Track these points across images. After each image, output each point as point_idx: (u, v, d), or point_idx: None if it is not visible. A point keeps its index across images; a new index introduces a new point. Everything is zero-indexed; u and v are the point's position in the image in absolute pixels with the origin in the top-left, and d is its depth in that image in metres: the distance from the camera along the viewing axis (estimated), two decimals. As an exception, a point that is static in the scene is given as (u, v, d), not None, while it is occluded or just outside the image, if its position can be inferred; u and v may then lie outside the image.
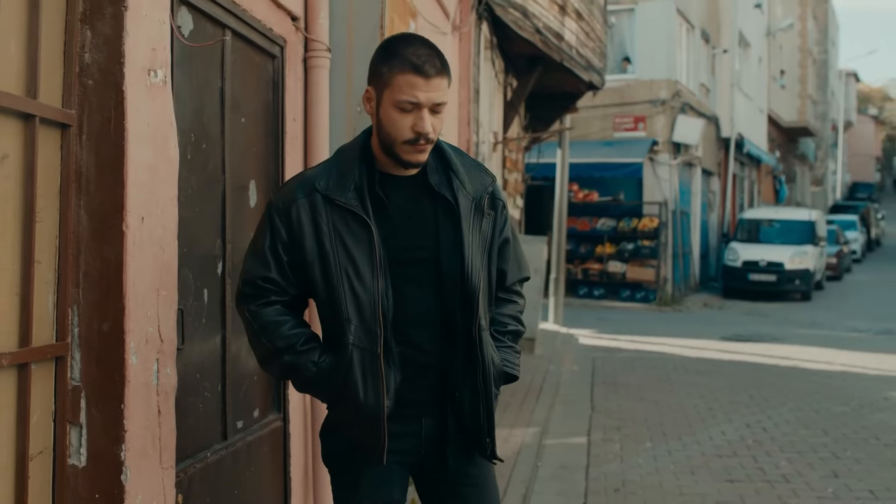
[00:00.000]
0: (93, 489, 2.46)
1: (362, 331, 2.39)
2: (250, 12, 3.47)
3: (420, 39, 2.41)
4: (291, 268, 2.45)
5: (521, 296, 2.76)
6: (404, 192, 2.49)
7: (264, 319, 2.44)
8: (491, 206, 2.59)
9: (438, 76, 2.36)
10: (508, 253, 2.67)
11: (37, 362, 2.34)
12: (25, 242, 2.29)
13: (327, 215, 2.42)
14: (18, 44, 2.27)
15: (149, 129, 2.53)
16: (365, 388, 2.38)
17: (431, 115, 2.37)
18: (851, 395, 9.82)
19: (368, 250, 2.39)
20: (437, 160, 2.53)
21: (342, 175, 2.44)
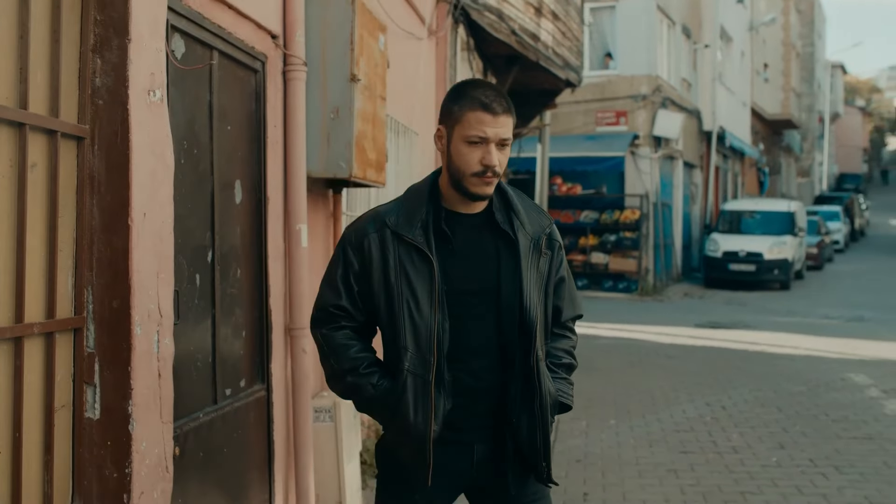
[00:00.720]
0: (105, 437, 2.99)
1: (417, 358, 2.55)
2: (235, 34, 4.00)
3: (487, 83, 2.65)
4: (361, 297, 2.66)
5: (574, 332, 2.92)
6: (468, 229, 2.66)
7: (334, 343, 2.67)
8: (548, 247, 2.74)
9: (504, 114, 2.56)
10: (563, 291, 2.83)
11: (59, 332, 2.87)
12: (50, 234, 2.82)
13: (394, 249, 2.60)
14: (43, 73, 2.79)
15: (149, 140, 3.05)
16: (415, 412, 2.55)
17: (498, 150, 2.57)
18: (810, 376, 10.39)
19: (429, 283, 2.56)
20: (500, 200, 2.71)
21: (410, 212, 2.63)
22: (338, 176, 4.70)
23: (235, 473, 4.08)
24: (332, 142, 4.58)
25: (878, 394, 9.40)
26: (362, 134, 4.71)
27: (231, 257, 4.07)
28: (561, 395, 2.76)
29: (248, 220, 4.25)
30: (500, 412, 2.65)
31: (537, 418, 2.62)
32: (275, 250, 4.45)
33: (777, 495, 5.95)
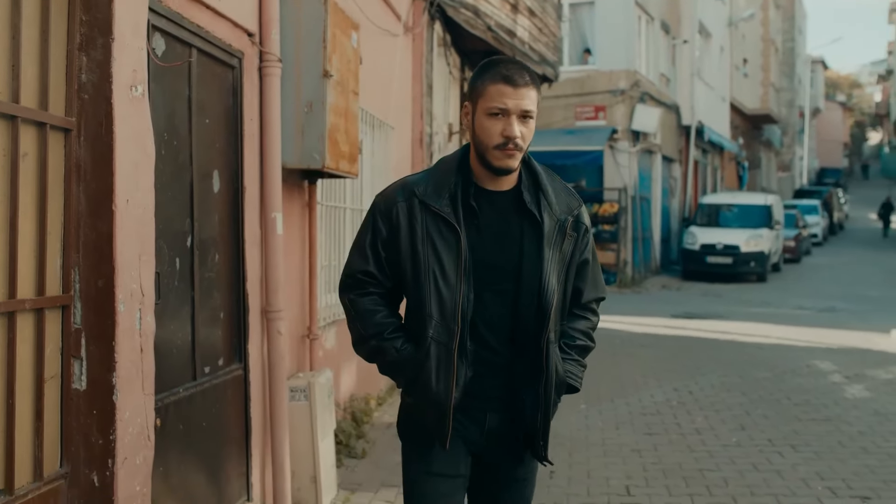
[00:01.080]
0: (91, 407, 3.24)
1: (442, 327, 2.62)
2: (213, 33, 4.24)
3: (511, 59, 2.68)
4: (388, 263, 2.72)
5: (596, 314, 2.94)
6: (496, 206, 2.70)
7: (360, 308, 2.75)
8: (574, 229, 2.77)
9: (526, 87, 2.59)
10: (587, 273, 2.86)
11: (48, 308, 3.11)
12: (40, 218, 3.06)
13: (422, 219, 2.65)
14: (34, 70, 3.03)
15: (132, 132, 3.30)
16: (437, 379, 2.63)
17: (520, 122, 2.60)
18: (777, 363, 10.71)
19: (456, 254, 2.62)
20: (530, 179, 2.75)
21: (439, 184, 2.68)
22: (311, 167, 4.95)
23: (214, 446, 4.33)
24: (306, 134, 4.84)
25: (840, 379, 9.73)
26: (335, 127, 4.97)
27: (209, 243, 4.31)
28: (569, 376, 2.80)
29: (225, 209, 4.50)
30: (513, 387, 2.72)
31: (540, 398, 2.69)
32: (251, 237, 4.70)
33: (734, 472, 6.24)
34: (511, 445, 2.79)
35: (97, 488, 3.23)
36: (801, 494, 5.74)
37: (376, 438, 6.75)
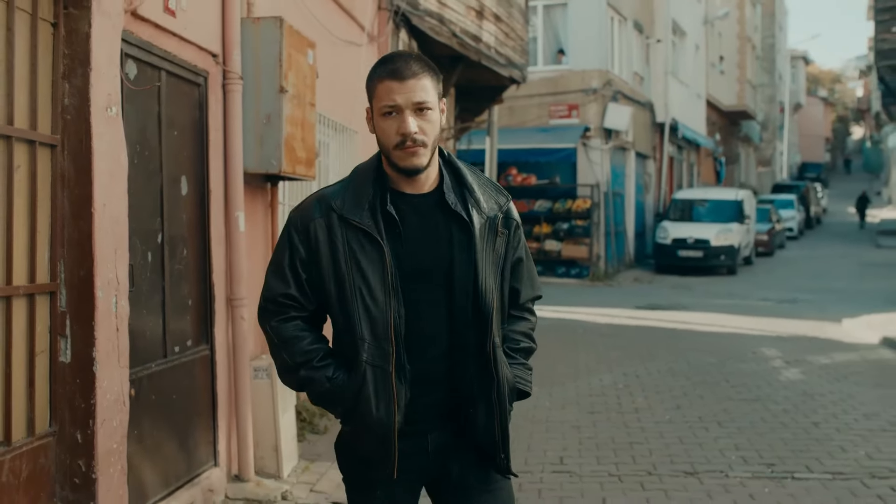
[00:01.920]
0: (75, 377, 3.88)
1: (375, 349, 2.48)
2: (179, 56, 4.87)
3: (399, 53, 2.56)
4: (309, 285, 2.57)
5: (534, 314, 2.82)
6: (419, 210, 2.56)
7: (284, 335, 2.57)
8: (505, 226, 2.64)
9: (414, 78, 2.46)
10: (521, 271, 2.74)
11: (39, 294, 3.75)
12: (31, 219, 3.70)
13: (343, 235, 2.51)
14: (24, 96, 3.67)
15: (107, 147, 3.93)
16: (377, 405, 2.48)
17: (416, 117, 2.47)
18: (726, 350, 11.39)
19: (381, 270, 2.48)
20: (453, 178, 2.62)
21: (357, 194, 2.53)
22: (269, 171, 5.59)
23: (184, 416, 4.97)
24: (265, 143, 5.48)
25: (780, 364, 10.42)
26: (291, 136, 5.61)
27: (178, 239, 4.95)
28: (519, 381, 2.69)
29: (193, 209, 5.13)
30: (455, 400, 2.59)
31: (494, 407, 2.57)
32: (217, 234, 5.34)
33: (660, 445, 6.91)
34: (467, 459, 2.65)
35: (80, 444, 3.87)
36: (715, 462, 6.41)
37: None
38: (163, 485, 4.70)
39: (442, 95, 2.59)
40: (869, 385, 9.26)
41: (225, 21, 5.28)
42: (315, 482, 5.84)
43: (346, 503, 2.71)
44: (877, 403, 8.31)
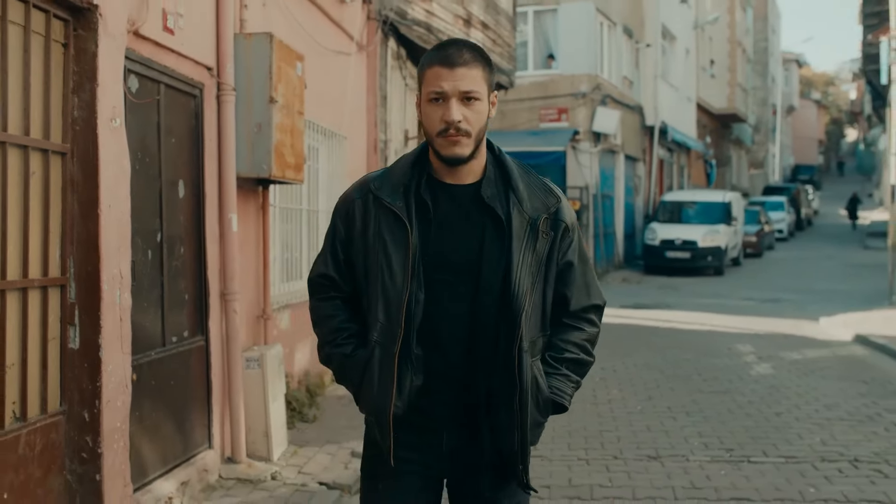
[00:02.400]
0: (83, 361, 4.30)
1: (386, 329, 2.47)
2: (177, 70, 5.31)
3: (454, 41, 2.53)
4: (347, 265, 2.61)
5: (593, 323, 2.69)
6: (455, 201, 2.53)
7: (320, 313, 2.66)
8: (552, 227, 2.55)
9: (464, 66, 2.44)
10: (573, 277, 2.61)
11: (51, 286, 4.18)
12: (44, 219, 4.13)
13: (376, 215, 2.52)
14: (38, 110, 4.10)
15: (112, 155, 4.36)
16: (379, 385, 2.48)
17: (462, 105, 2.44)
18: (702, 347, 11.84)
19: (404, 251, 2.46)
20: (498, 174, 2.57)
21: (395, 178, 2.54)
22: (261, 175, 6.02)
23: (181, 401, 5.41)
24: (256, 149, 5.91)
25: (752, 360, 10.87)
26: (281, 143, 6.04)
27: (176, 238, 5.38)
28: (555, 392, 2.58)
29: (189, 210, 5.57)
30: (476, 403, 2.53)
31: (516, 416, 2.47)
32: (211, 233, 5.77)
33: (628, 432, 7.35)
34: (490, 472, 2.58)
35: (87, 422, 4.31)
36: (679, 448, 6.85)
37: (327, 408, 7.82)
38: (161, 463, 5.13)
39: (494, 88, 2.54)
40: (834, 378, 9.71)
41: (219, 37, 5.72)
42: (303, 465, 6.27)
43: (331, 483, 2.98)
44: (839, 395, 8.76)
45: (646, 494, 5.77)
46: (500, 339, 2.48)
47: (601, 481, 6.05)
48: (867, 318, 14.38)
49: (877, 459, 6.49)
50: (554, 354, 2.60)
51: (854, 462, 6.43)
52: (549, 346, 2.60)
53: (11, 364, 3.93)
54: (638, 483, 6.01)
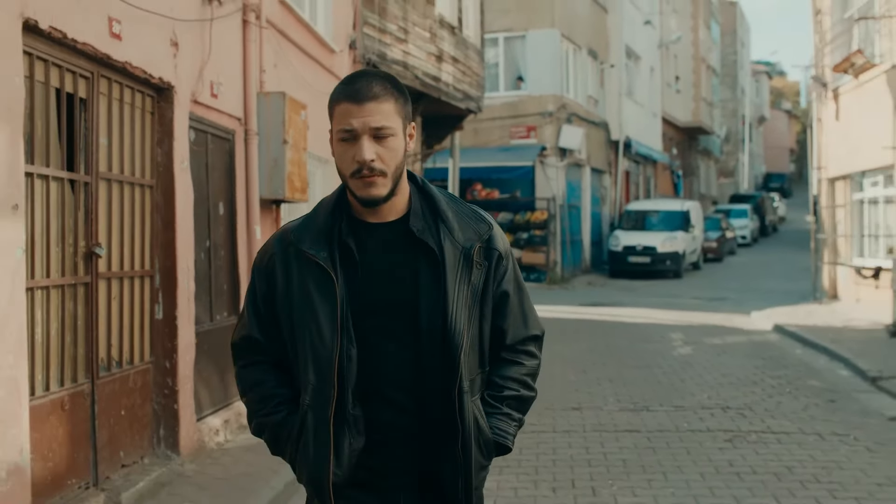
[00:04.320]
0: (164, 327, 6.33)
1: (318, 391, 2.32)
2: (219, 123, 7.35)
3: (363, 73, 2.37)
4: (273, 324, 2.44)
5: (532, 355, 2.55)
6: (382, 241, 2.38)
7: (247, 381, 2.48)
8: (485, 257, 2.43)
9: (374, 101, 2.28)
10: (508, 308, 2.48)
11: (145, 276, 6.22)
12: (141, 232, 6.17)
13: (298, 267, 2.36)
14: (140, 159, 6.13)
15: (182, 187, 6.40)
16: (315, 454, 2.33)
17: (375, 143, 2.28)
18: (640, 335, 13.91)
19: (331, 304, 2.31)
20: (425, 205, 2.43)
21: (314, 225, 2.39)
22: (277, 197, 8.06)
23: (223, 364, 7.43)
24: (273, 179, 7.95)
25: (679, 344, 12.96)
26: (291, 173, 8.08)
27: (219, 244, 7.42)
28: (497, 434, 2.46)
29: (226, 224, 7.60)
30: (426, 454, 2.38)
31: (459, 463, 2.36)
32: (241, 240, 7.79)
33: (561, 393, 9.40)
34: None
35: (168, 369, 6.34)
36: (597, 402, 8.92)
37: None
38: (211, 405, 7.16)
39: (410, 119, 2.40)
40: (740, 356, 11.81)
41: (246, 96, 7.76)
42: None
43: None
44: (737, 368, 10.85)
45: (563, 429, 7.83)
46: (439, 384, 2.35)
47: (530, 421, 8.09)
48: (792, 312, 16.47)
49: (744, 408, 8.59)
50: (493, 393, 2.48)
51: (725, 408, 8.53)
52: (488, 383, 2.49)
53: (123, 327, 5.97)
54: (559, 423, 8.07)
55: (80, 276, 5.36)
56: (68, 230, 5.23)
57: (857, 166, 15.72)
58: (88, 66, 5.37)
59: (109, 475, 5.62)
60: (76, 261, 5.32)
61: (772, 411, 8.45)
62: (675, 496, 5.97)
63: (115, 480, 5.62)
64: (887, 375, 9.99)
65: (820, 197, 18.11)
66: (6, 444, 4.25)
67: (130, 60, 5.66)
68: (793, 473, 6.43)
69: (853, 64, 14.65)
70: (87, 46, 5.16)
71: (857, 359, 11.04)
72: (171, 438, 6.34)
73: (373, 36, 12.58)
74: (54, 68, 5.03)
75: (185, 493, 5.84)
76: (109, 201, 5.71)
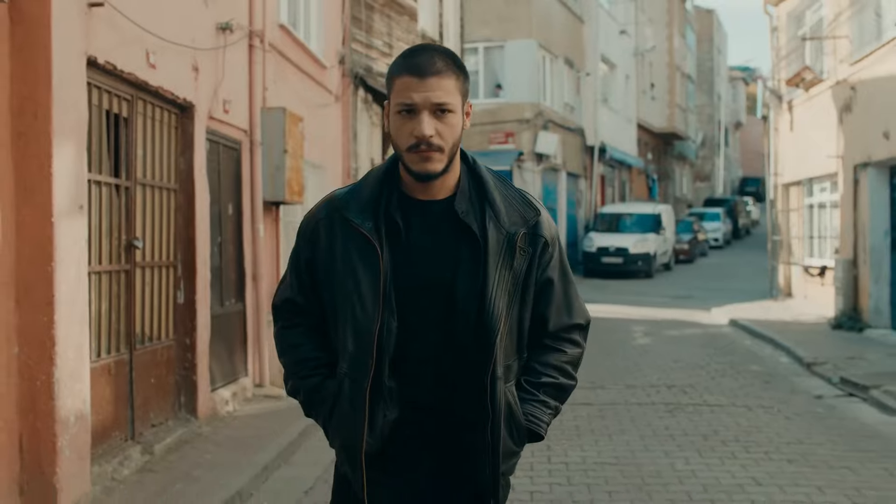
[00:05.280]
0: (185, 310, 7.44)
1: (356, 361, 2.34)
2: (229, 135, 8.47)
3: (425, 46, 2.36)
4: (314, 289, 2.46)
5: (575, 344, 2.53)
6: (427, 219, 2.38)
7: (285, 342, 2.53)
8: (530, 243, 2.40)
9: (436, 76, 2.27)
10: (552, 295, 2.46)
11: (170, 266, 7.33)
12: (167, 230, 7.28)
13: (343, 236, 2.38)
14: (167, 167, 7.25)
15: (200, 190, 7.51)
16: (350, 421, 2.35)
17: (434, 119, 2.28)
18: (605, 328, 15.00)
19: (375, 277, 2.32)
20: (473, 187, 2.41)
21: (363, 196, 2.40)
22: (277, 200, 9.19)
23: (231, 343, 8.54)
24: (275, 183, 9.07)
25: (640, 336, 14.15)
26: (290, 178, 9.20)
27: (227, 240, 8.53)
28: (530, 420, 2.44)
29: (234, 223, 8.71)
30: (451, 433, 2.38)
31: (488, 447, 2.35)
32: (247, 237, 8.90)
33: (529, 376, 10.53)
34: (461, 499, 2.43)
35: (188, 345, 7.45)
36: (559, 382, 10.05)
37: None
38: (222, 378, 8.27)
39: (468, 97, 2.40)
40: (694, 346, 13.01)
41: (251, 111, 8.88)
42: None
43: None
44: (689, 355, 12.05)
45: (527, 403, 8.96)
46: (473, 367, 2.34)
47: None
48: (749, 308, 17.72)
49: (687, 386, 9.78)
50: (531, 379, 2.47)
51: (670, 387, 9.72)
52: (526, 369, 2.48)
53: (154, 308, 7.09)
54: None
55: (122, 264, 6.47)
56: (114, 226, 6.34)
57: (808, 173, 16.97)
58: (130, 90, 6.48)
59: (142, 432, 6.73)
60: (119, 252, 6.42)
61: (711, 389, 9.64)
62: (615, 451, 7.14)
63: (147, 436, 6.73)
64: (821, 361, 11.21)
65: (776, 201, 19.36)
66: (74, 395, 5.35)
67: (162, 85, 6.77)
68: (717, 435, 7.62)
69: (803, 79, 15.89)
70: (131, 75, 6.28)
71: (796, 347, 12.27)
72: (191, 405, 7.45)
73: (360, 51, 13.71)
74: (105, 94, 6.14)
75: (205, 447, 6.96)
76: (144, 202, 6.82)
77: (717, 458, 6.87)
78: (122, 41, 6.11)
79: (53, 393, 5.13)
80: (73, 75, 5.36)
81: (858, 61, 13.79)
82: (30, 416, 5.13)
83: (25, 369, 5.13)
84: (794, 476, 6.40)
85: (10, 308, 5.06)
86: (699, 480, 6.32)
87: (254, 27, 8.79)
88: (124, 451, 6.28)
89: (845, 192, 14.53)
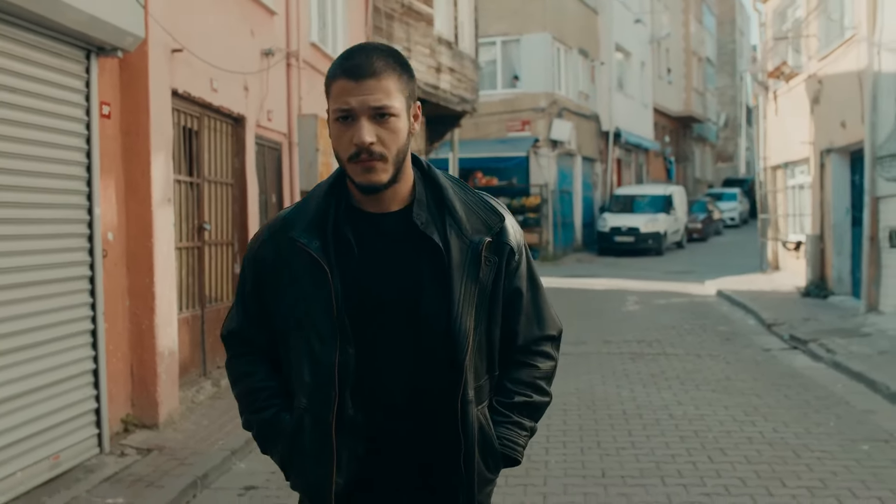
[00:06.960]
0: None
1: (316, 393, 2.18)
2: (272, 139, 10.47)
3: (363, 46, 2.18)
4: (262, 317, 2.32)
5: (548, 357, 2.39)
6: (383, 233, 2.22)
7: (235, 371, 2.38)
8: (495, 251, 2.25)
9: (374, 77, 2.09)
10: (520, 306, 2.34)
11: (228, 245, 9.34)
12: (226, 216, 9.29)
13: (289, 258, 2.22)
14: (224, 165, 9.26)
15: (251, 184, 9.51)
16: (314, 461, 2.20)
17: (374, 124, 2.10)
18: (602, 297, 16.97)
19: (326, 300, 2.16)
20: (430, 195, 2.25)
21: (309, 212, 2.23)
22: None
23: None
24: (309, 176, 11.05)
25: (631, 304, 16.02)
26: (321, 172, 11.17)
27: (272, 224, 10.54)
28: (506, 445, 2.30)
29: (277, 209, 10.70)
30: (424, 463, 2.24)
31: (461, 475, 2.21)
32: (287, 221, 10.90)
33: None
34: None
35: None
36: (549, 340, 11.98)
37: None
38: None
39: (415, 98, 2.22)
40: (675, 312, 14.88)
41: (289, 117, 10.87)
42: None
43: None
44: (669, 319, 13.93)
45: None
46: (440, 388, 2.20)
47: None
48: (738, 281, 19.46)
49: (653, 341, 11.69)
50: (503, 400, 2.32)
51: (640, 342, 11.63)
52: (497, 388, 2.32)
53: (218, 276, 9.10)
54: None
55: (196, 242, 8.49)
56: (190, 213, 8.35)
57: (789, 157, 18.72)
58: (199, 110, 8.48)
59: (211, 371, 8.76)
60: (193, 233, 8.44)
61: (675, 343, 11.54)
62: (577, 385, 9.08)
63: (214, 374, 8.76)
64: (780, 322, 13.05)
65: (766, 183, 21.12)
66: (167, 336, 7.37)
67: (223, 104, 8.77)
68: (663, 374, 9.54)
69: (783, 73, 17.64)
70: (200, 99, 8.28)
71: (763, 311, 14.11)
72: (246, 353, 9.48)
73: (382, 57, 15.63)
74: (182, 114, 8.14)
75: (259, 384, 9.00)
76: (210, 195, 8.83)
77: (656, 389, 8.80)
78: (193, 74, 8.10)
79: (154, 334, 7.16)
80: (162, 104, 7.35)
81: (824, 58, 15.52)
82: (138, 350, 7.16)
83: (134, 317, 7.16)
84: (710, 399, 8.32)
85: (123, 273, 7.09)
86: (636, 403, 8.26)
87: (290, 48, 10.77)
88: (199, 384, 8.31)
89: (815, 175, 16.30)
